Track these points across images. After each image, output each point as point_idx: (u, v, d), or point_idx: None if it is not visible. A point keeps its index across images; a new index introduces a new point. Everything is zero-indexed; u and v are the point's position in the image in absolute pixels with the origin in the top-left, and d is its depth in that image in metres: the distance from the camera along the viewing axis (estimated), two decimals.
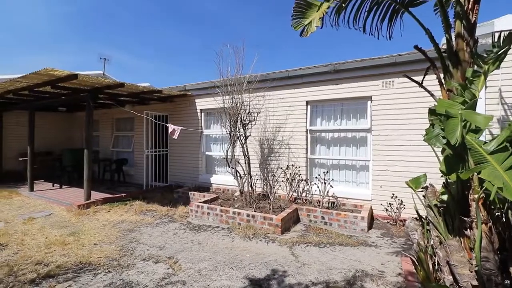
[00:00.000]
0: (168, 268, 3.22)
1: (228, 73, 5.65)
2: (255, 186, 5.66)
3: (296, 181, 5.56)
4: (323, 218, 4.74)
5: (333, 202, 5.22)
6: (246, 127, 5.57)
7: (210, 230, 4.55)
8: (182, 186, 7.51)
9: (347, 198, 5.32)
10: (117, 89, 6.22)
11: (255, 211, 4.70)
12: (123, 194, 6.80)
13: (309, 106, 5.86)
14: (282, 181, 5.55)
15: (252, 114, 5.61)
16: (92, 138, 6.70)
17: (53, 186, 8.19)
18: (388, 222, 4.85)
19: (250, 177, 5.51)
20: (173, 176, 7.97)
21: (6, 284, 2.82)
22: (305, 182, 5.57)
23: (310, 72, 5.63)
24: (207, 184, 7.16)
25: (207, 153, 7.44)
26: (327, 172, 5.31)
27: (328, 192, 5.09)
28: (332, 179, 5.33)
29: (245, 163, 5.54)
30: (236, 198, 5.80)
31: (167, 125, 6.27)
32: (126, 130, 9.62)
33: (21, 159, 9.05)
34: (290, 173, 5.59)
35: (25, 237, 4.18)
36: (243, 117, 5.53)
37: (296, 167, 5.67)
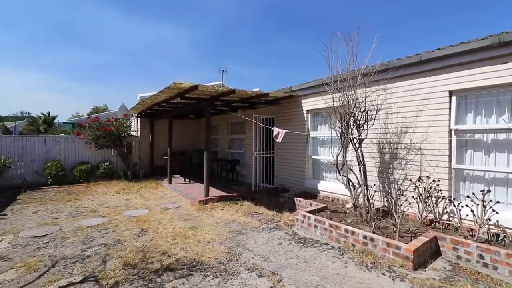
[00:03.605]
0: (271, 287, 2.93)
1: (339, 66, 4.92)
2: (373, 200, 4.68)
3: (433, 198, 4.20)
4: (481, 257, 3.30)
5: (497, 235, 3.60)
6: (361, 128, 4.69)
7: (317, 246, 4.01)
8: (288, 190, 7.29)
9: None
10: (229, 96, 6.65)
11: (374, 232, 3.81)
12: (234, 194, 7.23)
13: (453, 98, 4.34)
14: (413, 197, 4.32)
15: (368, 112, 4.67)
16: (211, 140, 7.49)
17: (184, 180, 9.77)
18: None
19: (366, 188, 4.59)
20: (279, 179, 7.88)
21: (138, 269, 3.28)
22: (447, 201, 4.14)
23: (457, 51, 4.13)
24: (314, 190, 6.62)
25: (314, 156, 6.91)
26: (488, 190, 3.71)
27: (489, 219, 3.54)
28: (497, 202, 3.68)
29: (360, 170, 4.67)
30: (348, 212, 4.99)
31: (272, 128, 6.17)
32: (238, 133, 10.39)
33: (164, 157, 11.31)
34: (424, 187, 4.28)
35: (159, 226, 4.95)
36: (357, 116, 4.68)
37: (432, 180, 4.30)
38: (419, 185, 4.37)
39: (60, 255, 3.70)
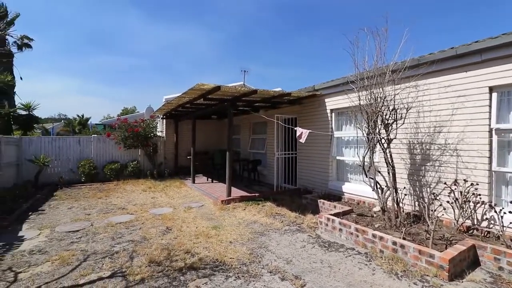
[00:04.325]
0: None
1: (365, 63, 4.72)
2: (403, 204, 4.42)
3: (471, 203, 3.88)
4: None
5: None
6: (390, 128, 4.45)
7: (342, 251, 3.86)
8: (310, 191, 7.14)
9: None
10: (251, 96, 6.65)
11: (404, 239, 3.59)
12: (256, 194, 7.21)
13: (494, 94, 3.97)
14: (448, 201, 4.02)
15: (398, 111, 4.42)
16: (233, 141, 7.53)
17: (207, 180, 9.94)
18: None
19: (396, 191, 4.35)
20: (301, 180, 7.74)
21: (163, 267, 3.36)
22: (487, 207, 3.80)
23: (497, 44, 3.77)
24: (338, 192, 6.41)
25: (338, 157, 6.70)
26: None
27: None
28: None
29: (388, 173, 4.43)
30: (375, 216, 4.77)
31: (295, 128, 6.06)
32: (260, 133, 10.37)
33: (188, 157, 11.58)
34: (461, 191, 3.97)
35: (183, 224, 5.05)
36: (385, 115, 4.45)
37: (470, 184, 3.97)
38: (455, 189, 4.05)
39: (91, 250, 3.89)
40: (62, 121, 30.35)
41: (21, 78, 14.36)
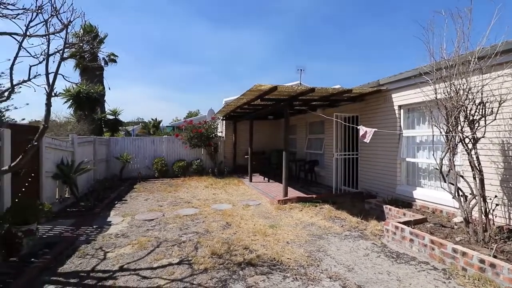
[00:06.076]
0: None
1: (443, 51, 4.10)
2: (493, 215, 3.70)
3: None
4: None
5: None
6: (476, 125, 3.77)
7: (414, 264, 3.44)
8: (374, 196, 6.59)
9: None
10: (308, 95, 6.50)
11: (495, 257, 3.00)
12: (314, 195, 7.01)
13: None
14: None
15: (487, 104, 3.72)
16: (289, 140, 7.49)
17: (263, 179, 10.10)
18: None
19: (484, 200, 3.66)
20: (363, 183, 7.20)
21: (224, 260, 3.53)
22: None
23: None
24: (408, 198, 5.74)
25: (408, 159, 6.00)
26: None
27: None
28: None
29: (474, 178, 3.76)
30: (456, 227, 4.10)
31: (358, 127, 5.66)
32: (317, 133, 10.04)
33: (245, 156, 11.98)
34: None
35: (241, 221, 5.23)
36: (470, 110, 3.78)
37: None
38: None
39: (163, 238, 4.36)
40: (140, 124, 34.86)
41: (109, 88, 17.08)
